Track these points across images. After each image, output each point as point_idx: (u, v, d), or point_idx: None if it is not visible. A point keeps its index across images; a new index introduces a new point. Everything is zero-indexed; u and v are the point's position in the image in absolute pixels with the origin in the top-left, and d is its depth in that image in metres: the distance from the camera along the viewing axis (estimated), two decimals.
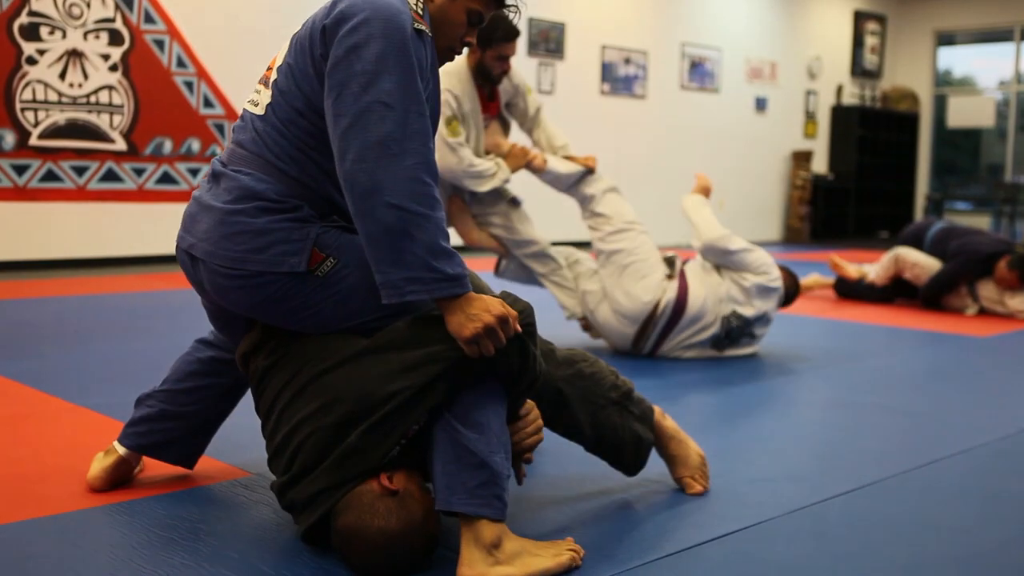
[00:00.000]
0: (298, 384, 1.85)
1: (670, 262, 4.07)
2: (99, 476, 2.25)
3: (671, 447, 2.31)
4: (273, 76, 1.94)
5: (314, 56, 1.86)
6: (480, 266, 4.75)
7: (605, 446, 2.19)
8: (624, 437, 2.19)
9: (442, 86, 3.61)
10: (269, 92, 1.93)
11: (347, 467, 1.78)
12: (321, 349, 1.87)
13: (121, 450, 2.26)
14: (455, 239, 4.26)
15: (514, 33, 3.80)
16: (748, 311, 4.03)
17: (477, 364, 1.79)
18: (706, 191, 4.48)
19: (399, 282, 1.74)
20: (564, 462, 2.50)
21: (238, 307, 1.94)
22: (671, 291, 3.95)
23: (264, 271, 1.85)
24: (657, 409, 2.31)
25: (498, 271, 4.33)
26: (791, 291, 4.36)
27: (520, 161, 4.04)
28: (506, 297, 1.87)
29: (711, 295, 4.00)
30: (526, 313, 1.85)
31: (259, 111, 1.95)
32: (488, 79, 3.93)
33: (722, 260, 4.08)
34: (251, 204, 1.88)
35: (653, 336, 3.99)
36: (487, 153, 4.09)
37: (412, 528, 1.76)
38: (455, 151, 3.84)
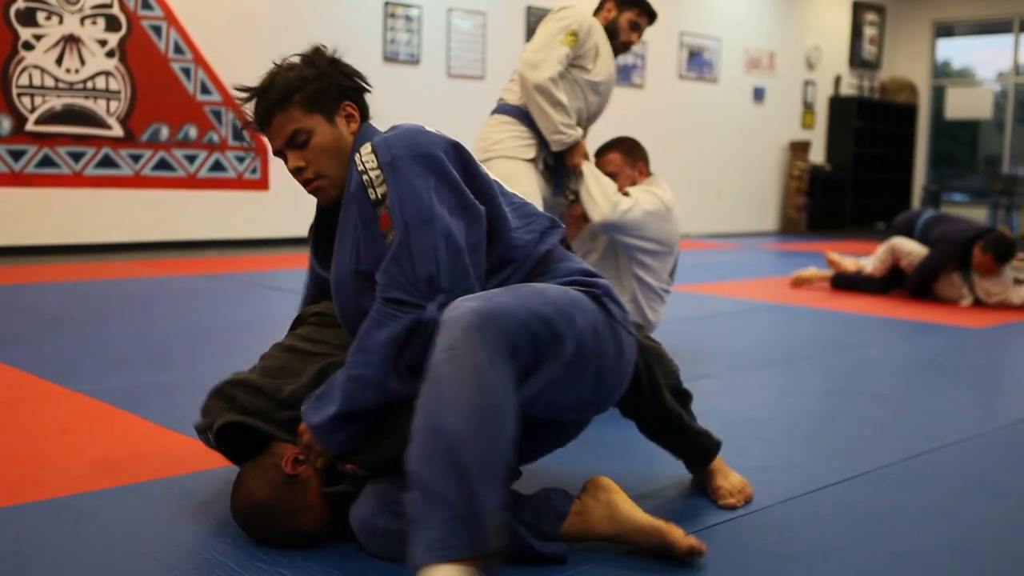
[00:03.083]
0: None
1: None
2: None
3: (716, 478, 2.20)
4: None
5: None
6: None
7: (662, 429, 2.12)
8: (687, 425, 2.14)
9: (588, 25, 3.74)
10: None
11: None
12: None
13: None
14: None
15: (654, 15, 3.90)
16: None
17: None
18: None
19: None
20: (555, 454, 2.50)
21: None
22: None
23: None
24: None
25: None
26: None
27: (579, 152, 3.77)
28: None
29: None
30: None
31: None
32: (613, 42, 3.85)
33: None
34: None
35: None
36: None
37: (276, 509, 1.84)
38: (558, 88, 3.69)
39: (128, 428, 2.70)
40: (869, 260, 6.32)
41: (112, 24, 7.24)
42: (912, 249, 5.98)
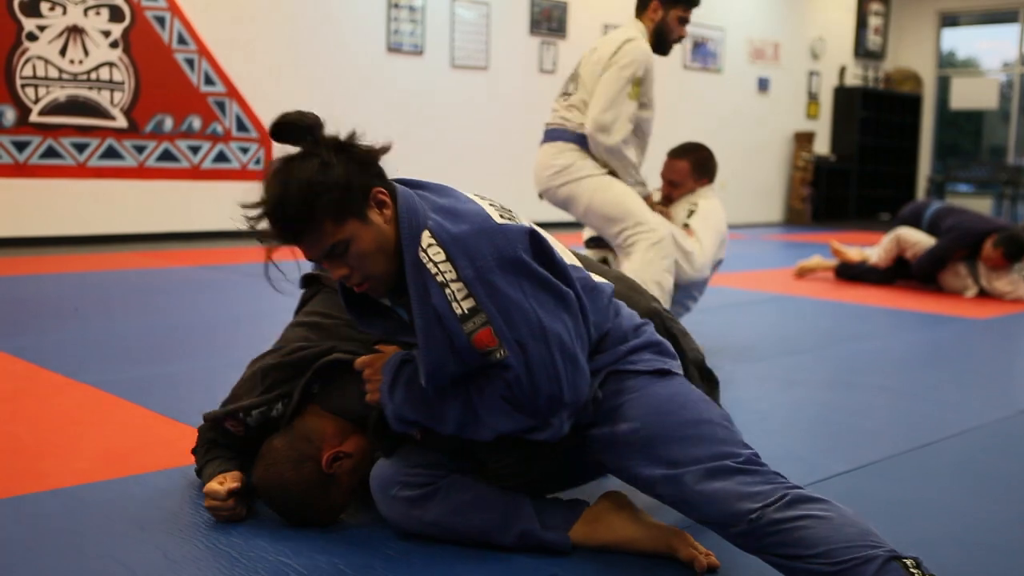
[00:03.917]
0: None
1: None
2: None
3: None
4: None
5: None
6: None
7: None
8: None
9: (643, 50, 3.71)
10: None
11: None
12: None
13: None
14: None
15: (698, 1, 3.85)
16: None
17: None
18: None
19: None
20: None
21: None
22: None
23: None
24: None
25: None
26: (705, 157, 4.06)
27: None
28: None
29: None
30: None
31: None
32: (662, 44, 3.82)
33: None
34: None
35: None
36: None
37: (305, 501, 1.87)
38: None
39: (132, 419, 2.71)
40: (874, 250, 6.31)
41: (116, 15, 7.23)
42: (918, 240, 5.96)
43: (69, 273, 5.70)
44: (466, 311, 1.62)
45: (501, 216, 1.73)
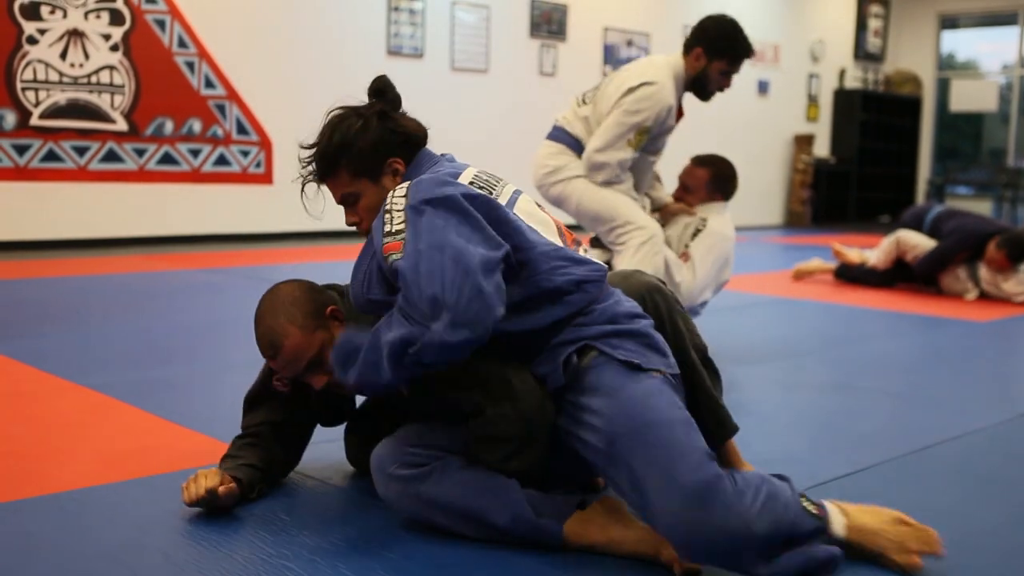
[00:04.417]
0: None
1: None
2: None
3: (731, 463, 2.21)
4: None
5: None
6: None
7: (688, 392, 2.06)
8: (708, 389, 2.08)
9: (668, 94, 3.60)
10: None
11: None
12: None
13: None
14: None
15: (751, 52, 3.72)
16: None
17: None
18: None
19: None
20: None
21: None
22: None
23: None
24: None
25: None
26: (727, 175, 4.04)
27: (673, 212, 3.92)
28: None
29: None
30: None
31: None
32: (701, 92, 3.74)
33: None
34: None
35: None
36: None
37: (284, 309, 1.96)
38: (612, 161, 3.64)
39: (132, 422, 2.71)
40: (874, 253, 6.31)
41: (116, 18, 7.24)
42: (918, 242, 5.96)
43: (69, 276, 5.70)
44: (394, 230, 1.81)
45: (471, 183, 1.93)
